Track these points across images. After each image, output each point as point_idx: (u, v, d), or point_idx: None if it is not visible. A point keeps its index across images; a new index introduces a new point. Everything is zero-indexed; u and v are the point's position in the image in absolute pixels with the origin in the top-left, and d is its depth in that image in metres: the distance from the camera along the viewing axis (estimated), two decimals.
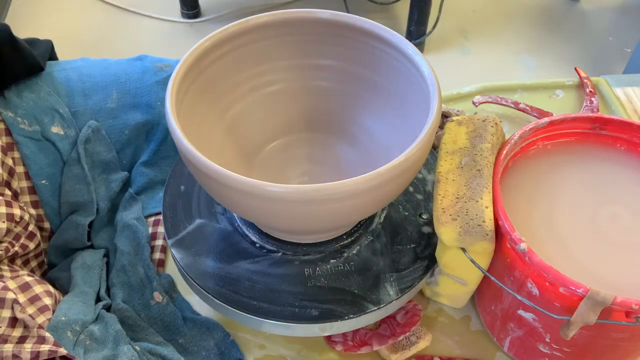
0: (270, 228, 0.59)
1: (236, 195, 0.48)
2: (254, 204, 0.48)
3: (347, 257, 0.59)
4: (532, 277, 0.51)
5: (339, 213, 0.49)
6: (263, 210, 0.49)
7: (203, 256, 0.59)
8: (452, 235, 0.52)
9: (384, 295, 0.56)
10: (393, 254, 0.59)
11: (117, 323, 0.57)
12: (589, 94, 0.92)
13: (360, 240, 0.60)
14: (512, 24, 2.01)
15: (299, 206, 0.47)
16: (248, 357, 0.62)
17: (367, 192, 0.47)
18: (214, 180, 0.47)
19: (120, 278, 0.65)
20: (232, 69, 0.61)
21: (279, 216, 0.49)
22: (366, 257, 0.59)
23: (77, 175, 0.69)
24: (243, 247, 0.60)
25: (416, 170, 0.52)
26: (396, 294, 0.56)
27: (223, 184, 0.47)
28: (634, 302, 0.45)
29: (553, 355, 0.56)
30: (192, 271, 0.58)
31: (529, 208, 0.57)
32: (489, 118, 0.60)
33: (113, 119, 0.73)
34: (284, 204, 0.46)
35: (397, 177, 0.48)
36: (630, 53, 1.70)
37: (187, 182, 0.66)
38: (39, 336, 0.52)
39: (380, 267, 0.58)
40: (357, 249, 0.60)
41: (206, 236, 0.61)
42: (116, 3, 1.95)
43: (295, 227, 0.54)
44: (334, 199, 0.46)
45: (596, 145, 0.63)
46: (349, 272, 0.57)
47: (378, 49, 0.60)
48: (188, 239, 0.60)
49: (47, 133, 0.68)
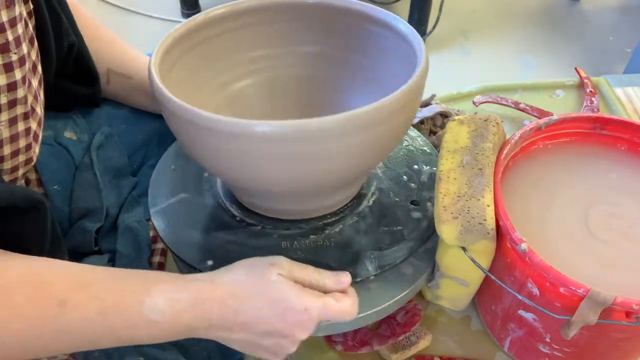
0: (254, 190, 0.55)
1: (219, 141, 0.45)
2: (238, 149, 0.46)
3: (328, 234, 0.57)
4: (532, 277, 0.51)
5: (326, 160, 0.47)
6: (248, 159, 0.46)
7: (182, 225, 0.58)
8: (453, 234, 0.52)
9: (362, 270, 0.54)
10: (377, 234, 0.58)
11: None
12: (589, 94, 0.92)
13: (344, 220, 0.59)
14: (512, 24, 2.01)
15: (286, 146, 0.45)
16: (248, 357, 0.62)
17: (362, 130, 0.45)
18: (197, 125, 0.45)
19: None
20: (232, 47, 0.61)
21: (264, 166, 0.47)
22: (348, 235, 0.57)
23: (89, 181, 0.68)
24: (224, 220, 0.59)
25: (411, 113, 0.51)
26: (375, 270, 0.54)
27: (205, 128, 0.45)
28: (634, 302, 0.45)
29: (553, 355, 0.56)
30: (169, 239, 0.57)
31: (529, 208, 0.57)
32: (491, 118, 0.60)
33: (127, 124, 0.73)
34: (270, 144, 0.44)
35: (392, 115, 0.47)
36: (630, 53, 1.70)
37: (178, 162, 0.66)
38: None
39: (362, 245, 0.56)
40: (340, 227, 0.58)
41: (188, 208, 0.60)
42: (116, 3, 1.95)
43: (279, 182, 0.50)
44: (322, 136, 0.44)
45: (597, 146, 0.63)
46: (327, 248, 0.56)
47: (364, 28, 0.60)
48: (169, 209, 0.60)
49: (60, 138, 0.67)
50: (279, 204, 0.58)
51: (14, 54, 0.46)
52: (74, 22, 0.64)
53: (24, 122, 0.50)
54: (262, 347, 0.49)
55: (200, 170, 0.65)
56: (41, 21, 0.55)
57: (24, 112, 0.49)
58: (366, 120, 0.45)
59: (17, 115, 0.48)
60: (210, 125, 0.45)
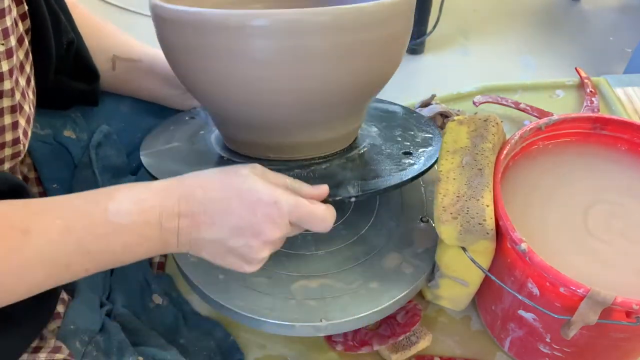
0: (246, 114, 0.54)
1: (214, 39, 0.45)
2: (233, 49, 0.45)
3: (313, 169, 0.56)
4: (532, 277, 0.51)
5: (325, 60, 0.47)
6: (244, 62, 0.46)
7: (169, 162, 0.59)
8: (453, 234, 0.52)
9: (342, 192, 0.52)
10: (364, 170, 0.56)
11: (120, 332, 0.57)
12: (589, 94, 0.92)
13: (332, 161, 0.58)
14: (512, 24, 2.01)
15: (285, 40, 0.45)
16: (249, 357, 0.62)
17: (360, 28, 0.47)
18: (203, 27, 0.46)
19: (120, 282, 0.65)
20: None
21: (263, 68, 0.46)
22: (334, 171, 0.56)
23: (88, 180, 0.68)
24: (211, 159, 0.59)
25: (406, 25, 0.53)
26: (356, 192, 0.52)
27: (201, 26, 0.45)
28: (634, 302, 0.45)
29: (553, 355, 0.56)
30: (156, 172, 0.57)
31: (529, 208, 0.57)
32: (490, 118, 0.60)
33: (126, 123, 0.73)
34: (267, 39, 0.44)
35: (391, 18, 0.49)
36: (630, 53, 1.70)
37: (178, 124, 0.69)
38: (54, 346, 0.52)
39: (346, 177, 0.55)
40: (326, 165, 0.57)
41: (178, 152, 0.62)
42: (116, 3, 1.95)
43: (277, 91, 0.49)
44: (323, 28, 0.45)
45: (597, 146, 0.63)
46: (310, 178, 0.54)
47: None
48: (161, 153, 0.61)
49: (59, 137, 0.67)
50: (267, 136, 0.56)
51: (1, 45, 0.45)
52: (72, 20, 0.64)
53: (10, 116, 0.49)
54: (231, 252, 0.47)
55: (197, 128, 0.67)
56: (40, 19, 0.55)
57: (10, 105, 0.48)
58: (367, 15, 0.46)
59: (3, 107, 0.48)
60: (219, 21, 0.44)
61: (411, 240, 0.63)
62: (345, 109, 0.56)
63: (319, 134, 0.56)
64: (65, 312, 0.55)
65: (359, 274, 0.59)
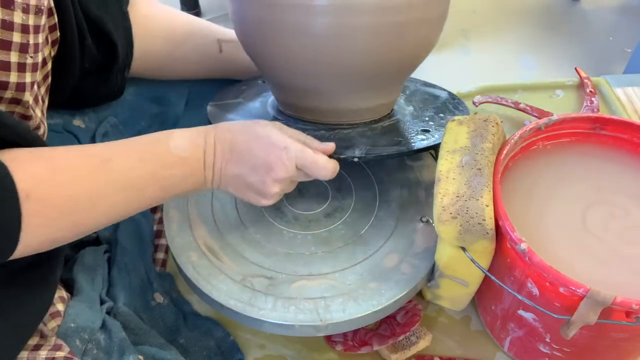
0: (296, 79, 0.62)
1: (282, 16, 0.54)
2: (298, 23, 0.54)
3: (336, 133, 0.63)
4: (532, 277, 0.51)
5: (370, 37, 0.55)
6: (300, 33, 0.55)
7: (228, 113, 0.69)
8: (453, 234, 0.52)
9: (348, 152, 0.58)
10: (377, 138, 0.62)
11: (121, 331, 0.57)
12: (589, 94, 0.92)
13: (356, 129, 0.64)
14: (512, 24, 2.01)
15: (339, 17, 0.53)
16: (248, 357, 0.62)
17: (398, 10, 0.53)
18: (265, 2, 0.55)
19: (122, 278, 0.65)
20: None
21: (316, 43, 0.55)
22: (353, 136, 0.62)
23: None
24: (261, 116, 0.68)
25: (443, 10, 0.60)
26: (359, 154, 0.58)
27: (273, 3, 0.55)
28: (634, 302, 0.45)
29: (553, 355, 0.56)
30: (213, 120, 0.67)
31: (529, 208, 0.57)
32: (490, 118, 0.60)
33: (131, 112, 0.75)
34: (325, 16, 0.53)
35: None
36: (630, 53, 1.70)
37: (249, 85, 0.78)
38: (55, 344, 0.52)
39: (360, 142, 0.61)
40: (349, 131, 0.63)
41: (240, 106, 0.71)
42: None
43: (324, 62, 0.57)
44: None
45: (596, 146, 0.63)
46: (329, 139, 0.60)
47: None
48: (226, 106, 0.71)
49: (69, 126, 0.68)
50: (307, 100, 0.64)
51: (30, 58, 0.48)
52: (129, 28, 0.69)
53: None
54: (249, 188, 0.56)
55: (261, 91, 0.76)
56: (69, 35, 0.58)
57: (22, 114, 0.50)
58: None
59: (14, 112, 0.49)
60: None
61: (411, 240, 0.63)
62: (380, 83, 0.62)
63: (352, 102, 0.63)
64: (66, 311, 0.55)
65: (359, 274, 0.60)
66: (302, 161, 0.54)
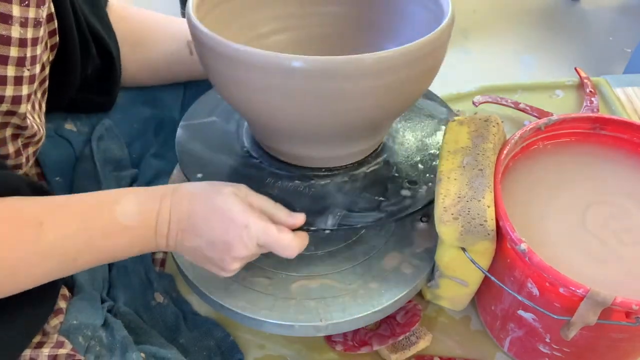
0: (274, 128, 0.57)
1: (264, 77, 0.48)
2: (277, 85, 0.48)
3: (311, 184, 0.58)
4: (532, 278, 0.51)
5: (352, 97, 0.49)
6: (277, 93, 0.49)
7: (197, 141, 0.64)
8: (454, 235, 0.52)
9: (319, 222, 0.54)
10: (356, 197, 0.57)
11: (123, 329, 0.57)
12: (589, 94, 0.92)
13: (334, 177, 0.60)
14: (512, 24, 2.01)
15: (320, 82, 0.47)
16: (248, 357, 0.62)
17: (399, 68, 0.48)
18: (235, 60, 0.48)
19: (122, 278, 0.65)
20: (256, 4, 0.64)
21: (292, 103, 0.49)
22: (329, 191, 0.58)
23: (89, 172, 0.69)
24: (233, 148, 0.64)
25: (436, 62, 0.54)
26: (332, 226, 0.54)
27: (243, 63, 0.48)
28: (634, 303, 0.45)
29: (553, 355, 0.56)
30: (180, 150, 0.62)
31: (529, 208, 0.57)
32: (491, 118, 0.60)
33: (122, 114, 0.74)
34: (302, 79, 0.47)
35: (424, 56, 0.50)
36: (630, 53, 1.70)
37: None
38: (57, 341, 0.52)
39: (336, 203, 0.56)
40: (326, 182, 0.59)
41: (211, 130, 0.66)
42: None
43: (302, 121, 0.52)
44: (356, 73, 0.47)
45: (596, 146, 0.63)
46: (303, 195, 0.57)
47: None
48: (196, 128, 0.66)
49: (60, 130, 0.68)
50: (284, 145, 0.59)
51: (27, 70, 0.48)
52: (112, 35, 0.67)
53: (11, 129, 0.51)
54: (208, 260, 0.52)
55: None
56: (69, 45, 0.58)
57: (18, 125, 0.50)
58: (391, 61, 0.48)
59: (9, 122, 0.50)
60: (253, 61, 0.47)
61: (411, 240, 0.63)
62: (365, 133, 0.58)
63: (333, 151, 0.59)
64: (67, 308, 0.55)
65: (359, 274, 0.60)
66: (265, 240, 0.50)
